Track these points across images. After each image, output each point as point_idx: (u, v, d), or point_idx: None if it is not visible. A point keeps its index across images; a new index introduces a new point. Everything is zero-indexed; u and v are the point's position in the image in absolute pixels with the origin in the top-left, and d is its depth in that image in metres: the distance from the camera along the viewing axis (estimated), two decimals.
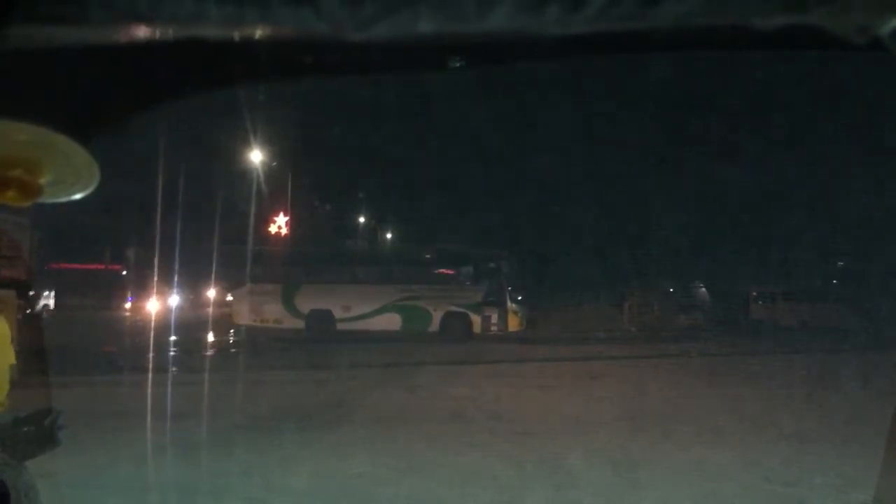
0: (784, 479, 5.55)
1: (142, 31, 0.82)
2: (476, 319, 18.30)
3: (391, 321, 18.55)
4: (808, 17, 0.81)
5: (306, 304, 19.13)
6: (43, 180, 0.88)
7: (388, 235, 33.35)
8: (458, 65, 1.23)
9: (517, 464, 5.99)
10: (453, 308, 18.46)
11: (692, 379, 11.64)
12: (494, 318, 18.27)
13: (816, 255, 25.57)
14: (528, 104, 32.73)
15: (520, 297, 19.15)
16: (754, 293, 24.50)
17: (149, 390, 10.35)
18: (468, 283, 19.02)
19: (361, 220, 33.66)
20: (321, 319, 18.81)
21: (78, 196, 0.94)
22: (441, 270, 19.44)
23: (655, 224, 24.07)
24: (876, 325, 18.36)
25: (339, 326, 18.61)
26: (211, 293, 31.33)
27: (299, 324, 18.99)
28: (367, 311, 18.69)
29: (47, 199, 0.91)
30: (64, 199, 0.94)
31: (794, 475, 5.64)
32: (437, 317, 18.43)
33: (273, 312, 19.46)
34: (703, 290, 24.07)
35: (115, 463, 5.85)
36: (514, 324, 18.51)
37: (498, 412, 8.38)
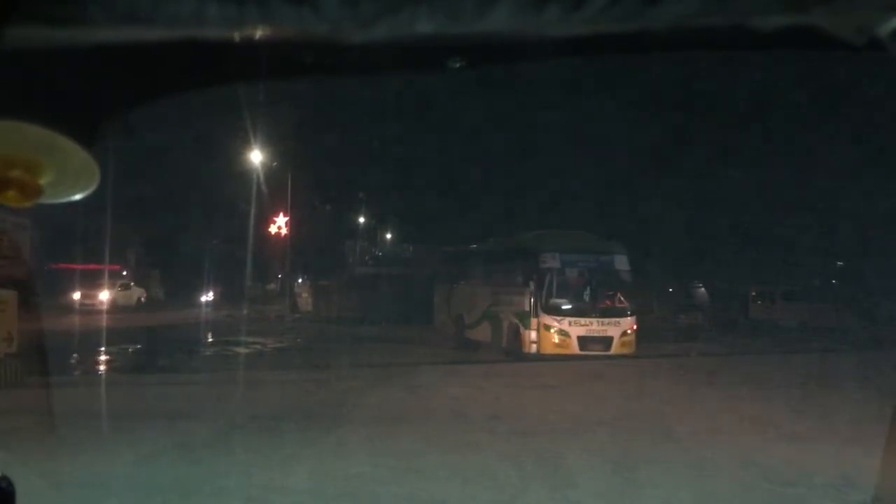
0: (784, 479, 5.55)
1: (142, 32, 0.82)
2: (526, 334, 13.93)
3: (485, 331, 15.74)
4: (808, 17, 0.81)
5: (456, 307, 17.47)
6: (43, 181, 0.88)
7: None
8: (458, 65, 1.23)
9: (517, 464, 5.98)
10: (513, 318, 14.59)
11: (692, 379, 11.63)
12: (533, 333, 13.85)
13: (816, 255, 25.58)
14: (528, 104, 32.74)
15: (567, 307, 14.06)
16: (753, 293, 24.52)
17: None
18: (522, 284, 14.64)
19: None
20: (458, 324, 17.01)
21: (78, 197, 0.94)
22: (509, 269, 15.61)
23: (655, 224, 24.07)
24: (875, 325, 18.38)
25: (466, 334, 16.55)
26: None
27: (452, 328, 17.39)
28: (474, 318, 16.28)
29: (47, 199, 0.91)
30: (64, 200, 0.94)
31: (793, 475, 5.64)
32: (504, 327, 14.94)
33: (443, 316, 18.18)
34: (703, 289, 24.07)
35: (115, 463, 5.85)
36: (549, 344, 13.64)
37: (498, 412, 8.38)
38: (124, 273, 31.58)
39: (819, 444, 6.58)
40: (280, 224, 26.86)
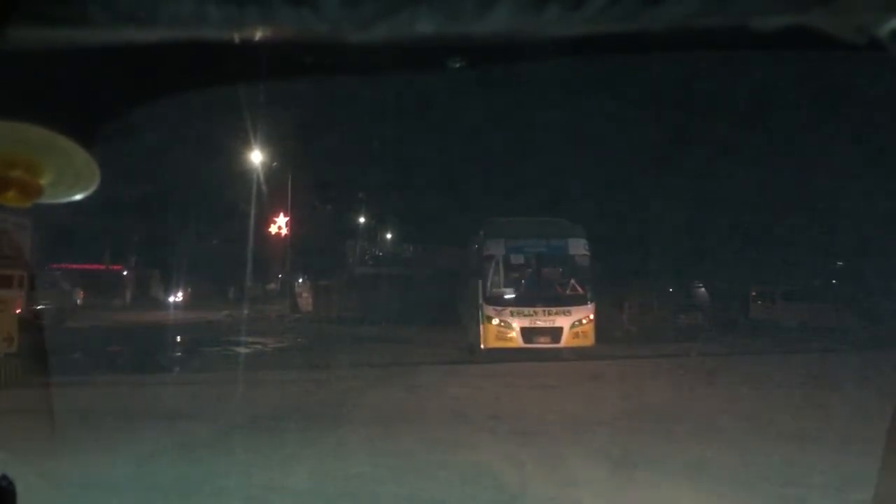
0: (783, 479, 5.55)
1: (142, 32, 0.82)
2: (480, 328, 13.26)
3: (471, 329, 14.75)
4: (808, 17, 0.81)
5: (460, 307, 16.46)
6: (43, 181, 0.88)
7: None
8: (458, 65, 1.23)
9: (517, 464, 5.98)
10: (475, 313, 13.63)
11: (692, 379, 11.63)
12: (482, 327, 13.09)
13: (816, 255, 25.57)
14: (528, 104, 32.71)
15: (509, 296, 13.08)
16: (754, 293, 24.51)
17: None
18: (477, 276, 13.70)
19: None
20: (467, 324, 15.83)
21: (78, 197, 0.94)
22: (474, 262, 14.41)
23: (655, 223, 24.08)
24: (875, 325, 18.36)
25: (468, 335, 15.30)
26: None
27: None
28: (467, 317, 15.24)
29: (48, 199, 0.91)
30: (64, 200, 0.94)
31: (793, 475, 5.64)
32: (473, 324, 14.01)
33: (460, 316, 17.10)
34: (703, 289, 24.04)
35: (115, 463, 5.85)
36: (492, 337, 12.88)
37: (498, 412, 8.38)
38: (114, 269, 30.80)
39: (819, 444, 6.58)
40: (280, 224, 26.88)
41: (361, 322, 20.83)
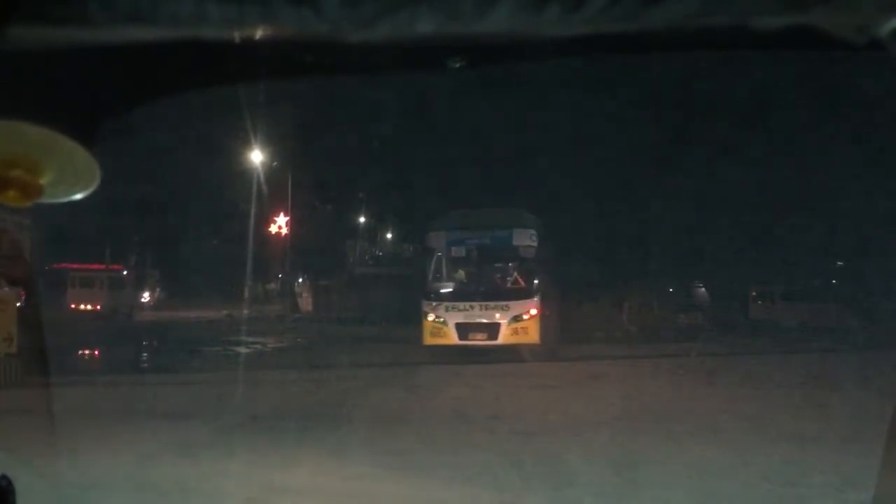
0: (783, 479, 5.55)
1: (142, 32, 0.82)
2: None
3: None
4: (808, 17, 0.81)
5: None
6: (44, 180, 0.88)
7: None
8: (458, 65, 1.23)
9: (517, 464, 5.98)
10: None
11: (692, 379, 11.64)
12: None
13: (816, 255, 25.59)
14: (528, 104, 32.66)
15: (445, 291, 12.59)
16: (753, 293, 24.53)
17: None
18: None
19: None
20: None
21: (78, 196, 0.94)
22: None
23: (655, 224, 24.09)
24: (875, 325, 18.36)
25: None
26: None
27: None
28: None
29: (48, 199, 0.91)
30: (64, 200, 0.94)
31: (793, 474, 5.64)
32: None
33: None
34: (703, 289, 24.07)
35: (115, 463, 5.85)
36: (428, 333, 12.55)
37: (498, 412, 8.38)
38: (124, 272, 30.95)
39: (819, 444, 6.58)
40: (280, 224, 26.91)
41: (361, 322, 20.84)
